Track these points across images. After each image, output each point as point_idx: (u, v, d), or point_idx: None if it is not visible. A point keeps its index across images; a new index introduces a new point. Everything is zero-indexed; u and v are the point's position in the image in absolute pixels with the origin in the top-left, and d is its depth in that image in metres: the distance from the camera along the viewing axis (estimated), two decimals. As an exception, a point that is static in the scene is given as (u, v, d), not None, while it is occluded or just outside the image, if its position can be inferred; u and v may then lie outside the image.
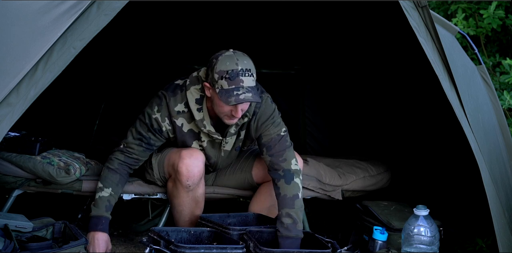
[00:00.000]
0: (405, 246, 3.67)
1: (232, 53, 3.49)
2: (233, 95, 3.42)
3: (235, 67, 3.43)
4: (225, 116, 3.54)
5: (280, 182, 3.61)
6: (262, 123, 3.68)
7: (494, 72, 5.35)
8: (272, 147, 3.65)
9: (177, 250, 3.18)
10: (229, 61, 3.45)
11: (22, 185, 3.73)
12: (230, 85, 3.43)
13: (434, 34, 3.47)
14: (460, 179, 4.07)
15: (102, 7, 3.03)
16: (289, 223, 3.53)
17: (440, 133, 4.22)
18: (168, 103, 3.62)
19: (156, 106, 3.64)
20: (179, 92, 3.63)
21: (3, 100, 2.90)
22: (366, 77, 4.81)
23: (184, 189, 3.63)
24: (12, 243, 3.13)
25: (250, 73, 3.46)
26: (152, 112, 3.64)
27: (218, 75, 3.44)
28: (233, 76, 3.42)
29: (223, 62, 3.45)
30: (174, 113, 3.63)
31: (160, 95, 3.66)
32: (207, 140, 3.71)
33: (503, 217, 3.58)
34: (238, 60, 3.45)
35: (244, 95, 3.42)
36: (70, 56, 2.99)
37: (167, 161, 3.71)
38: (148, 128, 3.64)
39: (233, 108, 3.48)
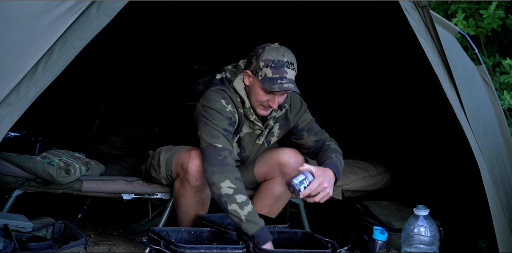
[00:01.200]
0: (405, 246, 3.67)
1: (278, 46, 3.59)
2: (277, 83, 3.50)
3: (281, 58, 3.53)
4: (260, 105, 3.61)
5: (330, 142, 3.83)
6: (296, 113, 3.82)
7: (494, 72, 5.35)
8: (313, 129, 3.87)
9: (177, 250, 3.18)
10: (276, 52, 3.54)
11: (22, 185, 3.73)
12: (274, 74, 3.51)
13: (434, 34, 3.47)
14: (460, 179, 4.07)
15: (102, 7, 3.03)
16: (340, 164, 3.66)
17: (440, 133, 4.23)
18: (230, 96, 3.60)
19: (223, 100, 3.57)
20: (229, 85, 3.63)
21: (3, 100, 2.90)
22: (366, 77, 4.81)
23: (192, 189, 3.62)
24: (12, 243, 3.13)
25: (294, 67, 3.56)
26: (222, 106, 3.55)
27: (264, 63, 3.52)
28: (279, 66, 3.51)
29: (270, 52, 3.54)
30: (238, 104, 3.63)
31: (217, 90, 3.59)
32: (246, 131, 3.72)
33: (503, 217, 3.58)
34: (285, 52, 3.55)
35: (288, 85, 3.51)
36: (70, 56, 2.99)
37: (175, 160, 3.68)
38: (229, 122, 3.56)
39: (271, 98, 3.56)
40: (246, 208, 3.37)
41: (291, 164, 3.75)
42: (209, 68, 4.97)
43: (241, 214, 3.36)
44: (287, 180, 3.55)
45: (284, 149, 3.83)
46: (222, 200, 3.39)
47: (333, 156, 3.72)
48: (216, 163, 3.43)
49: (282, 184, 3.76)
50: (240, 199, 3.37)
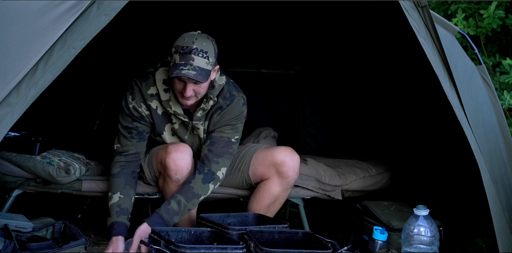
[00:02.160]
0: (405, 246, 3.67)
1: (196, 33, 3.59)
2: (178, 69, 3.48)
3: (190, 45, 3.51)
4: (179, 93, 3.59)
5: (197, 176, 3.64)
6: (223, 120, 3.72)
7: (494, 72, 5.35)
8: (216, 146, 3.71)
9: (178, 250, 3.18)
10: (188, 38, 3.54)
11: (22, 185, 3.73)
12: (180, 60, 3.50)
13: (434, 34, 3.47)
14: (460, 179, 4.07)
15: (102, 7, 3.03)
16: (174, 209, 3.57)
17: (440, 133, 4.22)
18: (140, 88, 3.67)
19: (130, 95, 3.69)
20: (150, 76, 3.70)
21: (3, 100, 2.90)
22: (366, 77, 4.81)
23: (173, 183, 3.65)
24: (12, 243, 3.13)
25: (206, 55, 3.51)
26: (127, 102, 3.68)
27: (175, 49, 3.55)
28: (186, 52, 3.49)
29: (182, 38, 3.56)
30: (148, 97, 3.68)
31: (131, 84, 3.72)
32: (178, 122, 3.74)
33: (503, 217, 3.58)
34: (197, 40, 3.53)
35: (187, 71, 3.46)
36: (70, 56, 2.99)
37: (155, 159, 3.73)
38: (132, 118, 3.69)
39: (183, 86, 3.53)
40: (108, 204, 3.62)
41: (287, 163, 3.75)
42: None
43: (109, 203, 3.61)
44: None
45: (279, 148, 3.83)
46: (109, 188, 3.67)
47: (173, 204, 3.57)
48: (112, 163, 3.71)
49: (279, 184, 3.77)
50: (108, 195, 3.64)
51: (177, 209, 3.58)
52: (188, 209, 3.63)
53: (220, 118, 3.73)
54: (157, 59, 5.02)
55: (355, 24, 4.58)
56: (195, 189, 3.63)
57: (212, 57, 3.53)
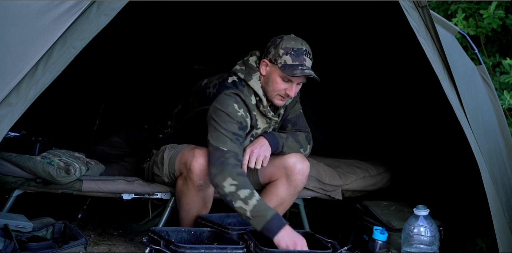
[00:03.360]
0: (405, 246, 3.67)
1: (294, 36, 3.68)
2: (298, 69, 3.56)
3: (300, 46, 3.61)
4: (277, 95, 3.65)
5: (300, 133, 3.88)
6: (293, 101, 3.88)
7: (494, 72, 5.35)
8: (298, 123, 3.92)
9: (177, 250, 3.18)
10: (295, 40, 3.63)
11: (22, 185, 3.73)
12: (294, 61, 3.58)
13: (434, 34, 3.47)
14: (460, 179, 4.07)
15: (102, 7, 3.03)
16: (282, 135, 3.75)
17: (440, 133, 4.23)
18: (244, 99, 3.62)
19: (235, 104, 3.59)
20: (242, 87, 3.66)
21: (3, 100, 2.90)
22: (366, 77, 4.81)
23: (195, 188, 3.62)
24: (12, 243, 3.13)
25: (311, 57, 3.64)
26: (234, 110, 3.58)
27: (284, 50, 3.59)
28: (298, 54, 3.59)
29: (288, 40, 3.62)
30: (252, 107, 3.67)
31: (230, 94, 3.61)
32: (262, 127, 3.76)
33: (503, 217, 3.58)
34: (303, 42, 3.64)
35: (309, 71, 3.58)
36: (70, 56, 2.99)
37: (179, 158, 3.68)
38: (239, 126, 3.58)
39: (288, 86, 3.61)
40: (250, 202, 3.38)
41: (298, 167, 3.75)
42: (209, 68, 4.97)
43: (247, 210, 3.37)
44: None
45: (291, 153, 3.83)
46: (227, 199, 3.42)
47: (282, 133, 3.81)
48: (218, 164, 3.46)
49: (287, 187, 3.77)
50: (243, 194, 3.39)
51: (284, 136, 3.78)
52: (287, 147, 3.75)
53: (291, 102, 3.88)
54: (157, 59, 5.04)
55: (355, 24, 4.58)
56: (300, 137, 3.84)
57: (312, 59, 3.65)
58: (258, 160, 3.66)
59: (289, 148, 3.78)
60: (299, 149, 3.82)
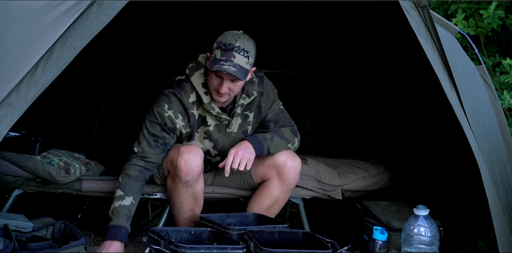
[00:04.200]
0: (405, 246, 3.67)
1: (239, 32, 3.62)
2: (219, 64, 3.52)
3: (233, 42, 3.56)
4: (214, 90, 3.62)
5: (284, 128, 3.87)
6: (269, 101, 3.85)
7: (494, 72, 5.35)
8: (280, 121, 3.89)
9: (177, 250, 3.18)
10: (231, 36, 3.59)
11: (22, 185, 3.73)
12: (222, 56, 3.54)
13: (434, 34, 3.47)
14: (460, 179, 4.07)
15: (102, 7, 3.03)
16: (266, 136, 3.75)
17: (440, 133, 4.22)
18: (180, 99, 3.65)
19: (166, 104, 3.65)
20: (185, 84, 3.69)
21: (3, 100, 2.90)
22: (366, 77, 4.81)
23: (183, 184, 3.64)
24: (12, 243, 3.13)
25: (246, 54, 3.56)
26: (163, 110, 3.64)
27: (217, 45, 3.58)
28: (228, 49, 3.54)
29: (225, 35, 3.60)
30: (190, 105, 3.67)
31: (167, 93, 3.68)
32: (213, 124, 3.74)
33: (503, 217, 3.58)
34: (240, 38, 3.58)
35: (228, 67, 3.51)
36: (70, 56, 2.99)
37: (166, 158, 3.71)
38: (162, 128, 3.64)
39: (220, 82, 3.57)
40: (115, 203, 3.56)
41: (289, 165, 3.76)
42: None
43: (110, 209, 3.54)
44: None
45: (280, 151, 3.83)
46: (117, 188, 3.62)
47: (267, 134, 3.79)
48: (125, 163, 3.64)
49: (280, 185, 3.78)
50: (117, 193, 3.58)
51: (269, 137, 3.76)
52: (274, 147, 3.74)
53: (266, 102, 3.84)
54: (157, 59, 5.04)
55: (355, 24, 4.58)
56: (285, 133, 3.82)
57: (252, 57, 3.60)
58: (242, 162, 3.64)
59: (276, 148, 3.77)
60: (286, 145, 3.82)
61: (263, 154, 3.74)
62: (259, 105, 3.81)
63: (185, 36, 4.99)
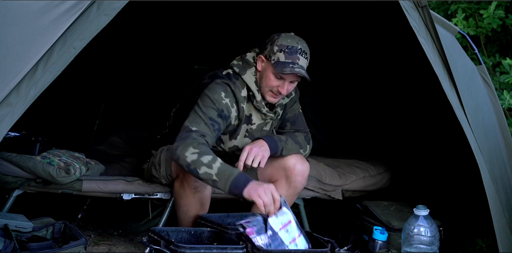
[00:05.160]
0: (405, 246, 3.67)
1: (293, 35, 3.67)
2: (288, 66, 3.55)
3: (295, 45, 3.60)
4: (269, 91, 3.65)
5: (298, 133, 3.88)
6: (292, 101, 3.88)
7: (494, 72, 5.35)
8: (296, 123, 3.92)
9: (177, 250, 3.18)
10: (291, 39, 3.62)
11: (22, 185, 3.73)
12: (287, 58, 3.57)
13: (434, 34, 3.47)
14: (460, 179, 4.07)
15: (102, 7, 3.03)
16: (281, 138, 3.75)
17: (440, 133, 4.23)
18: (233, 90, 3.65)
19: (223, 92, 3.62)
20: (235, 80, 3.68)
21: (3, 100, 2.90)
22: (366, 77, 4.81)
23: (191, 190, 3.62)
24: (12, 243, 3.13)
25: (306, 56, 3.62)
26: (220, 97, 3.61)
27: (278, 47, 3.59)
28: (292, 52, 3.58)
29: (285, 38, 3.62)
30: (241, 99, 3.68)
31: (220, 83, 3.65)
32: (257, 123, 3.76)
33: (503, 217, 3.58)
34: (299, 40, 3.63)
35: (299, 70, 3.56)
36: (70, 56, 2.99)
37: None
38: (219, 114, 3.60)
39: (281, 83, 3.61)
40: (214, 165, 3.37)
41: (298, 168, 3.75)
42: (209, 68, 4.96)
43: (212, 173, 3.37)
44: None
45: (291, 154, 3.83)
46: (191, 168, 3.39)
47: (281, 136, 3.80)
48: (180, 140, 3.46)
49: (287, 188, 3.77)
50: (206, 160, 3.38)
51: (283, 139, 3.76)
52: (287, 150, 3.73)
53: (290, 103, 3.88)
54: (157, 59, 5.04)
55: (355, 24, 4.58)
56: (299, 138, 3.82)
57: (309, 58, 3.65)
58: (256, 158, 3.64)
59: (288, 151, 3.77)
60: (299, 150, 3.82)
61: (276, 154, 3.73)
62: (285, 104, 3.86)
63: (185, 36, 4.99)
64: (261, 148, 3.67)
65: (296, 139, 3.83)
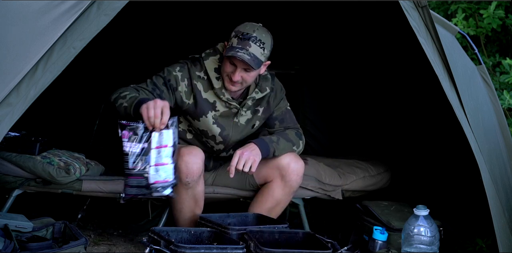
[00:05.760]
0: (405, 246, 3.67)
1: (258, 24, 3.68)
2: (234, 50, 3.58)
3: (250, 32, 3.62)
4: (226, 77, 3.67)
5: (288, 131, 3.88)
6: (277, 99, 3.88)
7: (494, 72, 5.35)
8: (285, 120, 3.91)
9: (177, 250, 3.18)
10: (250, 26, 3.65)
11: (22, 185, 3.73)
12: (238, 44, 3.60)
13: (434, 34, 3.47)
14: (460, 179, 4.07)
15: (102, 7, 3.03)
16: (272, 139, 3.76)
17: (440, 133, 4.22)
18: (189, 68, 3.71)
19: (178, 67, 3.72)
20: (197, 63, 3.74)
21: (3, 100, 2.90)
22: (366, 77, 4.81)
23: (183, 186, 3.63)
24: (12, 243, 3.13)
25: (262, 46, 3.62)
26: (173, 70, 3.70)
27: (235, 33, 3.66)
28: (245, 38, 3.60)
29: (245, 25, 3.67)
30: (195, 76, 3.71)
31: (181, 61, 3.75)
32: (222, 110, 3.76)
33: (503, 217, 3.58)
34: (258, 30, 3.64)
35: (242, 54, 3.57)
36: (70, 56, 2.99)
37: None
38: (164, 82, 3.67)
39: (233, 70, 3.62)
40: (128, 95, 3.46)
41: (292, 167, 3.75)
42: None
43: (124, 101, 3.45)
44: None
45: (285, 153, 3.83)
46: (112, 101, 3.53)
47: (272, 136, 3.81)
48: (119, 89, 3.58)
49: (282, 187, 3.77)
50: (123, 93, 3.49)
51: (275, 139, 3.77)
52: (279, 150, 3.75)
53: (275, 99, 3.87)
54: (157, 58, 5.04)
55: (355, 24, 4.58)
56: (290, 135, 3.83)
57: (267, 50, 3.65)
58: (247, 163, 3.64)
59: (281, 151, 3.78)
60: (291, 148, 3.82)
61: (268, 156, 3.74)
62: (268, 101, 3.85)
63: (185, 36, 4.99)
64: (252, 152, 3.67)
65: (287, 137, 3.84)
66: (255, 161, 3.65)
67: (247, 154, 3.65)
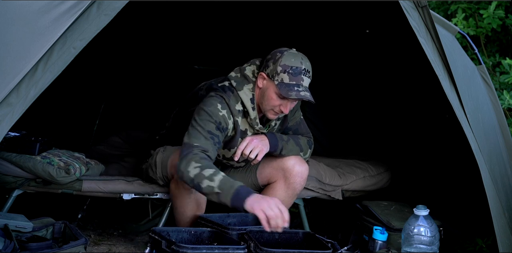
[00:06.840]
0: (405, 246, 3.67)
1: (296, 52, 3.61)
2: (293, 90, 3.51)
3: (299, 65, 3.54)
4: (271, 110, 3.62)
5: (301, 137, 3.88)
6: (293, 110, 3.84)
7: (494, 72, 5.35)
8: (298, 130, 3.90)
9: (179, 250, 3.18)
10: (295, 58, 3.56)
11: (22, 185, 3.73)
12: (291, 80, 3.52)
13: (434, 34, 3.47)
14: (460, 179, 4.07)
15: (102, 7, 3.03)
16: (283, 137, 3.75)
17: (440, 133, 4.23)
18: (227, 103, 3.61)
19: (219, 104, 3.58)
20: (231, 93, 3.63)
21: (3, 100, 2.90)
22: (366, 77, 4.81)
23: (186, 190, 3.62)
24: (12, 243, 3.13)
25: (309, 75, 3.58)
26: (216, 109, 3.56)
27: (282, 68, 3.53)
28: (296, 73, 3.53)
29: (288, 57, 3.55)
30: (235, 112, 3.63)
31: (216, 96, 3.61)
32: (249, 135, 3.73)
33: (503, 217, 3.58)
34: (303, 59, 3.57)
35: (304, 93, 3.52)
36: (70, 56, 2.99)
37: (170, 161, 3.68)
38: (217, 126, 3.55)
39: (283, 103, 3.57)
40: (216, 177, 3.32)
41: (296, 171, 3.74)
42: (209, 68, 4.98)
43: (214, 186, 3.30)
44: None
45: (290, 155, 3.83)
46: (195, 183, 3.35)
47: (284, 136, 3.80)
48: (183, 156, 3.42)
49: (285, 189, 3.77)
50: (208, 173, 3.33)
51: (285, 138, 3.76)
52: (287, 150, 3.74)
53: (289, 112, 3.80)
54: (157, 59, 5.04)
55: (355, 24, 4.58)
56: (301, 141, 3.83)
57: (311, 76, 3.61)
58: (254, 150, 3.63)
59: (288, 151, 3.77)
60: (298, 152, 3.81)
61: (275, 152, 3.73)
62: (286, 115, 3.80)
63: (185, 36, 4.99)
64: (262, 142, 3.67)
65: (298, 141, 3.83)
66: (262, 150, 3.65)
67: (256, 141, 3.65)
